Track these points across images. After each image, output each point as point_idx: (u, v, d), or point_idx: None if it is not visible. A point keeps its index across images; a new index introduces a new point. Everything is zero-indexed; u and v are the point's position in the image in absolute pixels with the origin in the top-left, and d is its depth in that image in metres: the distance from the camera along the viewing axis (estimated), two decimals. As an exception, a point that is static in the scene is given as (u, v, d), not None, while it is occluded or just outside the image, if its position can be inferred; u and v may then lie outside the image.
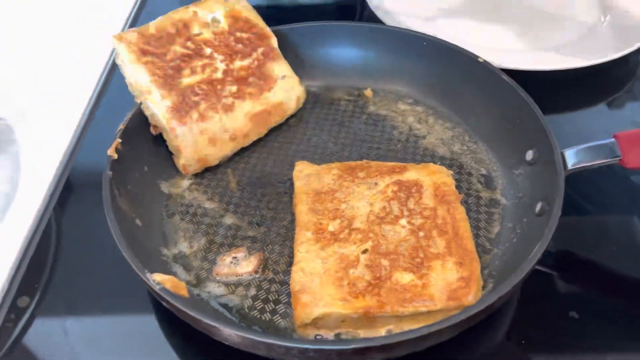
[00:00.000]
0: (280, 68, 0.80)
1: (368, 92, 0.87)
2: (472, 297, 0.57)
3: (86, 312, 0.65)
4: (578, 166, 0.66)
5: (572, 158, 0.66)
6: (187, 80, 0.73)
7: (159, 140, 0.76)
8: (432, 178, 0.69)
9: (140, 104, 0.72)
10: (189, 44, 0.75)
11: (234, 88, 0.75)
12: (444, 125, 0.83)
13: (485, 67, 0.78)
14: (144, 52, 0.72)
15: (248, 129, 0.75)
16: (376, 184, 0.69)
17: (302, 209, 0.67)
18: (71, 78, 0.93)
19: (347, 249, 0.62)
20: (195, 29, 0.77)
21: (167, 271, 0.64)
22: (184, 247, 0.68)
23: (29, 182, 0.76)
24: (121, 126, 0.70)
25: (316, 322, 0.57)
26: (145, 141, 0.74)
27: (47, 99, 0.89)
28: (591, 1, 1.06)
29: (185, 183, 0.75)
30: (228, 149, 0.74)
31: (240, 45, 0.79)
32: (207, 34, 0.78)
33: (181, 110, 0.71)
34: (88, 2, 1.09)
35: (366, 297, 0.57)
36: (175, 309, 0.53)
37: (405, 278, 0.59)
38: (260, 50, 0.80)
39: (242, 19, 0.81)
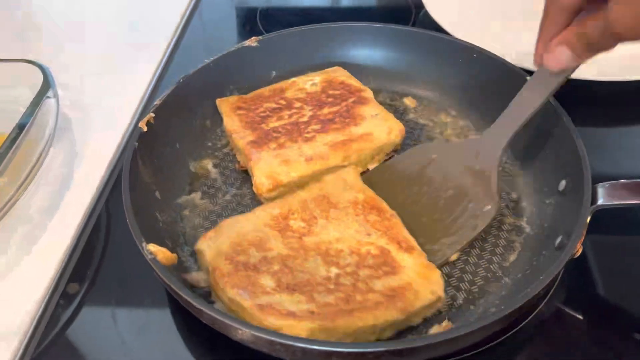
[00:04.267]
0: (371, 109, 0.79)
1: (410, 100, 0.86)
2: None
3: (134, 301, 0.66)
4: (609, 203, 0.60)
5: (603, 194, 0.61)
6: (272, 124, 0.77)
7: (194, 121, 0.79)
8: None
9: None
10: (281, 101, 0.81)
11: (317, 126, 0.76)
12: (483, 142, 0.79)
13: (532, 87, 0.74)
14: (238, 107, 0.80)
15: (326, 154, 0.73)
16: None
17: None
18: (128, 71, 0.97)
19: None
20: (289, 93, 0.82)
21: (174, 244, 0.66)
22: (195, 222, 0.70)
23: (83, 172, 0.80)
24: (157, 102, 0.73)
25: None
26: (180, 119, 0.77)
27: (105, 91, 0.93)
28: None
29: (212, 165, 0.78)
30: (302, 170, 0.72)
31: (330, 99, 0.81)
32: (300, 94, 0.82)
33: (261, 142, 0.74)
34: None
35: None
36: (161, 281, 0.55)
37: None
38: (351, 99, 0.80)
39: (338, 81, 0.83)
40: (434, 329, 0.59)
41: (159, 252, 0.57)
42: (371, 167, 0.77)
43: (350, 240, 0.63)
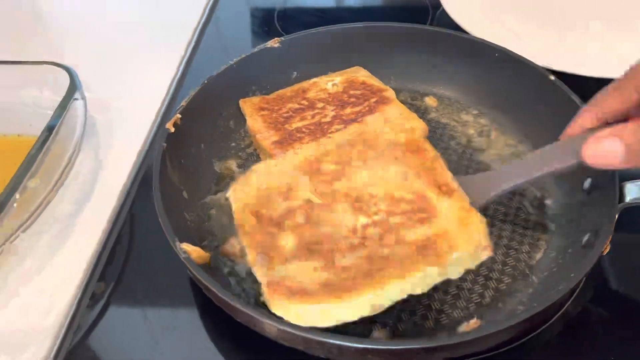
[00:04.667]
0: (393, 107, 0.79)
1: (431, 99, 0.86)
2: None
3: (160, 301, 0.67)
4: (637, 201, 0.61)
5: (632, 192, 0.61)
6: (296, 124, 0.78)
7: (218, 121, 0.80)
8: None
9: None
10: (303, 102, 0.82)
11: (340, 127, 0.77)
12: (505, 141, 0.80)
13: (555, 86, 0.74)
14: (261, 108, 0.81)
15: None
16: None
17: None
18: (149, 73, 0.98)
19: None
20: (311, 94, 0.83)
21: (202, 243, 0.67)
22: (223, 221, 0.71)
23: (108, 174, 0.80)
24: (183, 103, 0.74)
25: None
26: (205, 120, 0.78)
27: (127, 92, 0.94)
28: None
29: (237, 165, 0.78)
30: None
31: (353, 99, 0.81)
32: (322, 95, 0.82)
33: (284, 142, 0.75)
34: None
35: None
36: (196, 279, 0.56)
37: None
38: (373, 99, 0.81)
39: (359, 81, 0.84)
40: (463, 327, 0.59)
41: (192, 251, 0.57)
42: (394, 166, 0.77)
43: (385, 185, 0.58)
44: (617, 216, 0.60)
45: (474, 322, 0.60)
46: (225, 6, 1.19)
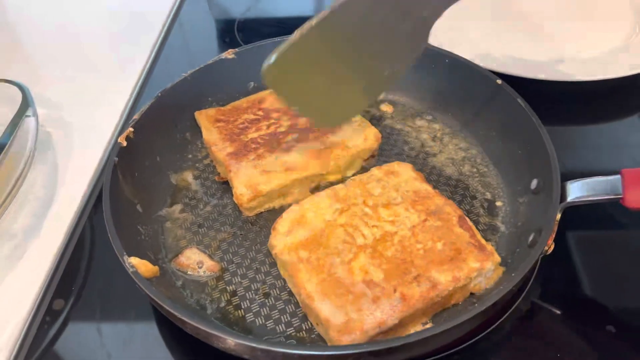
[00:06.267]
0: None
1: (386, 106, 0.87)
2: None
3: (119, 315, 0.67)
4: (578, 200, 0.62)
5: (573, 191, 0.63)
6: (251, 135, 0.79)
7: (174, 133, 0.81)
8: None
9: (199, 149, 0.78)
10: (259, 112, 0.82)
11: (295, 136, 0.78)
12: (457, 145, 0.81)
13: (503, 90, 0.76)
14: (217, 120, 0.81)
15: (304, 163, 0.75)
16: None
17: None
18: (108, 86, 0.98)
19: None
20: (267, 104, 0.83)
21: (155, 256, 0.67)
22: (177, 234, 0.71)
23: (65, 188, 0.80)
24: (136, 116, 0.74)
25: None
26: (160, 133, 0.78)
27: (85, 107, 0.94)
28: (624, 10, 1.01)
29: (193, 177, 0.79)
30: (281, 179, 0.73)
31: None
32: (278, 105, 0.83)
33: (240, 154, 0.76)
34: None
35: None
36: (144, 293, 0.56)
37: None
38: None
39: None
40: (413, 329, 0.60)
41: (140, 265, 0.58)
42: (349, 173, 0.78)
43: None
44: (559, 215, 0.61)
45: (429, 326, 0.61)
46: (188, 16, 1.20)
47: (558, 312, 0.66)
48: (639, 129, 0.88)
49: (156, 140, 0.77)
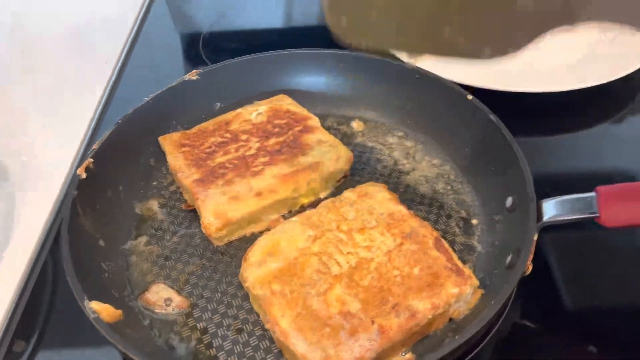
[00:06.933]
0: (317, 136, 0.78)
1: (357, 123, 0.86)
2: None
3: (87, 355, 0.63)
4: (554, 220, 0.61)
5: (549, 211, 0.62)
6: (219, 159, 0.75)
7: (137, 161, 0.77)
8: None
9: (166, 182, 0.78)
10: (226, 134, 0.79)
11: (265, 159, 0.75)
12: (430, 162, 0.80)
13: (474, 105, 0.75)
14: (182, 145, 0.78)
15: (275, 186, 0.72)
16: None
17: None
18: (67, 113, 0.93)
19: None
20: (235, 125, 0.80)
21: (120, 294, 0.64)
22: (144, 268, 0.68)
23: (24, 223, 0.76)
24: (95, 146, 0.71)
25: None
26: (122, 161, 0.75)
27: (43, 136, 0.89)
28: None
29: (159, 206, 0.75)
30: (252, 205, 0.70)
31: (277, 129, 0.80)
32: (246, 126, 0.80)
33: (207, 180, 0.72)
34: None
35: None
36: (106, 339, 0.53)
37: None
38: (297, 128, 0.80)
39: (283, 110, 0.83)
40: (395, 360, 0.59)
41: (102, 310, 0.54)
42: (323, 195, 0.76)
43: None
44: (536, 236, 0.60)
45: (409, 357, 0.59)
46: (151, 33, 1.16)
47: (539, 330, 0.65)
48: (610, 137, 0.88)
49: (118, 169, 0.74)
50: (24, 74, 1.03)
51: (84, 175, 0.67)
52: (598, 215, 0.59)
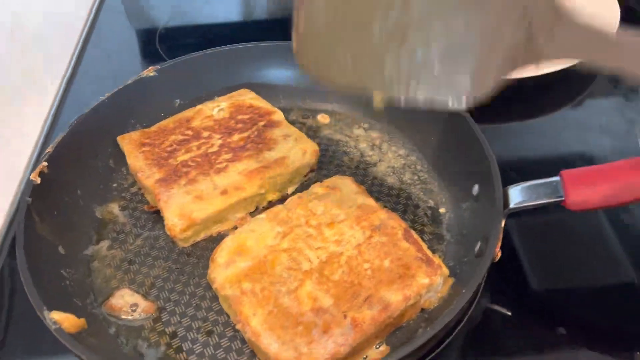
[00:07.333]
0: (282, 130, 0.77)
1: (322, 117, 0.84)
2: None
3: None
4: (520, 205, 0.62)
5: (515, 197, 0.62)
6: (181, 158, 0.73)
7: (95, 163, 0.74)
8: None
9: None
10: (187, 132, 0.77)
11: (228, 156, 0.73)
12: (396, 152, 0.79)
13: (438, 94, 0.74)
14: (142, 144, 0.75)
15: (241, 183, 0.70)
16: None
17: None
18: (16, 121, 0.89)
19: None
20: (196, 122, 0.78)
21: (83, 302, 0.61)
22: (107, 273, 0.65)
23: None
24: (49, 149, 0.68)
25: None
26: (79, 164, 0.72)
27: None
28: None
29: (120, 208, 0.73)
30: (217, 204, 0.68)
31: (240, 125, 0.78)
32: (208, 122, 0.78)
33: (169, 179, 0.70)
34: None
35: None
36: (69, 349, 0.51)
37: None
38: (261, 123, 0.78)
39: (246, 105, 0.81)
40: (367, 354, 0.58)
41: (64, 320, 0.52)
42: (290, 191, 0.75)
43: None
44: (503, 222, 0.60)
45: (384, 349, 0.59)
46: (106, 30, 1.12)
47: (509, 315, 0.65)
48: (571, 121, 0.89)
49: (75, 172, 0.71)
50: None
51: (38, 181, 0.64)
52: (563, 199, 0.59)
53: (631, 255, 0.69)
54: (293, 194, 0.73)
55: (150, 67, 0.80)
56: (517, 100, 0.92)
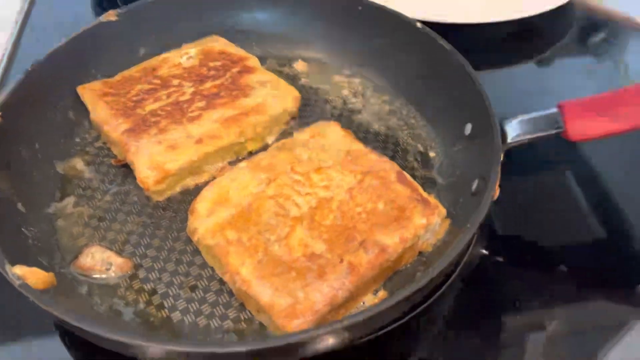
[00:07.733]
0: (258, 76, 0.72)
1: (300, 64, 0.79)
2: None
3: (14, 336, 0.55)
4: (519, 140, 0.59)
5: (512, 130, 0.59)
6: (150, 107, 0.67)
7: (53, 115, 0.67)
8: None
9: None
10: (155, 81, 0.71)
11: (202, 103, 0.68)
12: (381, 98, 0.75)
13: (424, 34, 0.71)
14: (105, 94, 0.69)
15: (217, 132, 0.65)
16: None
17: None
18: None
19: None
20: (163, 71, 0.72)
21: (50, 261, 0.55)
22: (74, 231, 0.59)
23: None
24: (2, 97, 0.60)
25: None
26: (35, 115, 0.65)
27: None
28: None
29: (84, 163, 0.66)
30: (192, 153, 0.63)
31: (212, 72, 0.72)
32: (176, 71, 0.72)
33: (138, 129, 0.64)
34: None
35: None
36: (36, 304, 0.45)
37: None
38: (235, 69, 0.73)
39: (216, 51, 0.75)
40: (365, 299, 0.55)
41: (29, 275, 0.46)
42: (270, 140, 0.70)
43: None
44: (502, 157, 0.57)
45: (382, 294, 0.55)
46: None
47: (508, 258, 0.63)
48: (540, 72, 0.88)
49: (32, 124, 0.64)
50: None
51: (-10, 130, 0.57)
52: (564, 129, 0.57)
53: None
54: (274, 144, 0.68)
55: (111, 11, 0.73)
56: (494, 49, 0.89)
